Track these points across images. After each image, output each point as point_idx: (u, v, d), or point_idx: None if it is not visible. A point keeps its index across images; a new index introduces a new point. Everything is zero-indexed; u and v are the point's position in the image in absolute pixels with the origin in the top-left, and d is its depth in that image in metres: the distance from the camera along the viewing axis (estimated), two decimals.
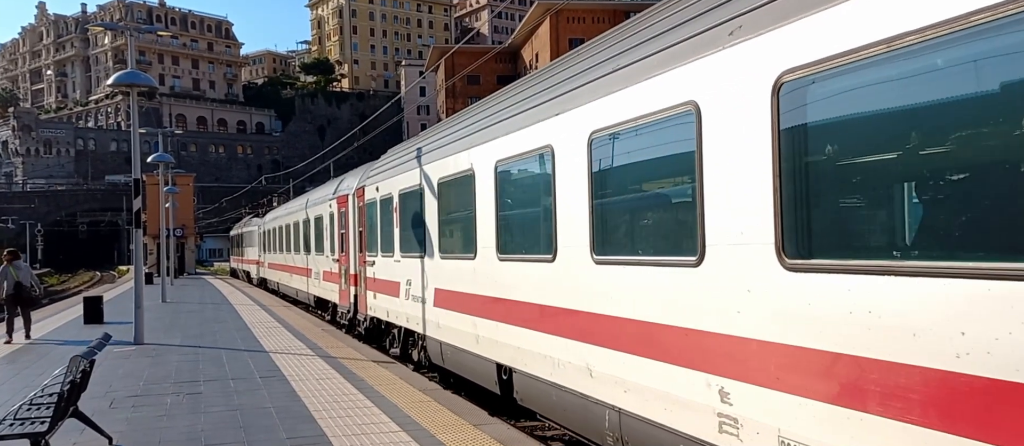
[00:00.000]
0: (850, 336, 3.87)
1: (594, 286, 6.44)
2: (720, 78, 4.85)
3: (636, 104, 5.80)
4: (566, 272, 6.92)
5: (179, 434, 7.84)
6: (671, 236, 5.68)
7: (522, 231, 8.30)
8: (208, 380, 11.01)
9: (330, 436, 7.52)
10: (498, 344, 8.58)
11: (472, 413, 8.52)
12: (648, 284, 5.69)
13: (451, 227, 10.27)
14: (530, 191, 8.15)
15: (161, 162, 29.59)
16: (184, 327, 18.79)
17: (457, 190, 9.87)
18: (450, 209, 10.31)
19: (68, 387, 6.66)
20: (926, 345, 3.47)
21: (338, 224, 18.19)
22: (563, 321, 7.01)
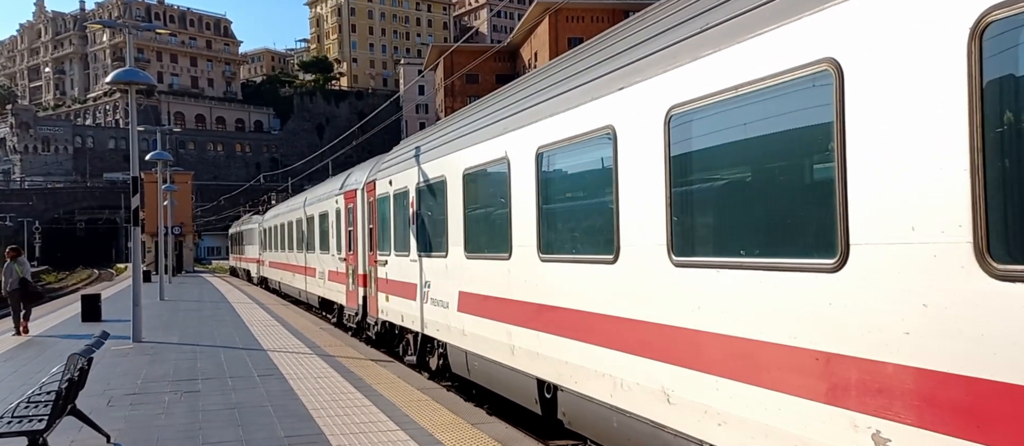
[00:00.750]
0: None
1: (673, 293, 5.34)
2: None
3: (744, 67, 4.60)
4: (632, 276, 5.83)
5: (177, 432, 7.84)
6: (797, 232, 4.37)
7: (571, 227, 7.10)
8: (206, 378, 11.00)
9: (328, 434, 7.52)
10: (540, 357, 7.40)
11: (470, 412, 8.52)
12: (757, 293, 4.52)
13: (480, 223, 9.04)
14: (583, 181, 6.95)
15: (159, 160, 29.57)
16: (182, 325, 18.78)
17: (487, 181, 8.77)
18: (478, 203, 9.11)
19: (66, 385, 6.65)
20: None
21: (345, 221, 17.14)
22: (628, 334, 5.88)
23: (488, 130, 8.79)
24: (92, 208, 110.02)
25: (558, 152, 7.09)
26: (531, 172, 7.50)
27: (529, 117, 7.62)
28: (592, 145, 6.47)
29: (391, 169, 13.13)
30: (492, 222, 8.66)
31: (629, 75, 5.88)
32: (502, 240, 8.18)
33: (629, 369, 5.85)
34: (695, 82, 5.04)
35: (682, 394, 5.20)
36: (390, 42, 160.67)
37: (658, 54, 5.53)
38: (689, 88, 5.10)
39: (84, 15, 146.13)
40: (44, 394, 7.25)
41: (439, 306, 10.33)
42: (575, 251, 6.87)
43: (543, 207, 7.41)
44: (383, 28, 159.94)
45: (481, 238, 9.00)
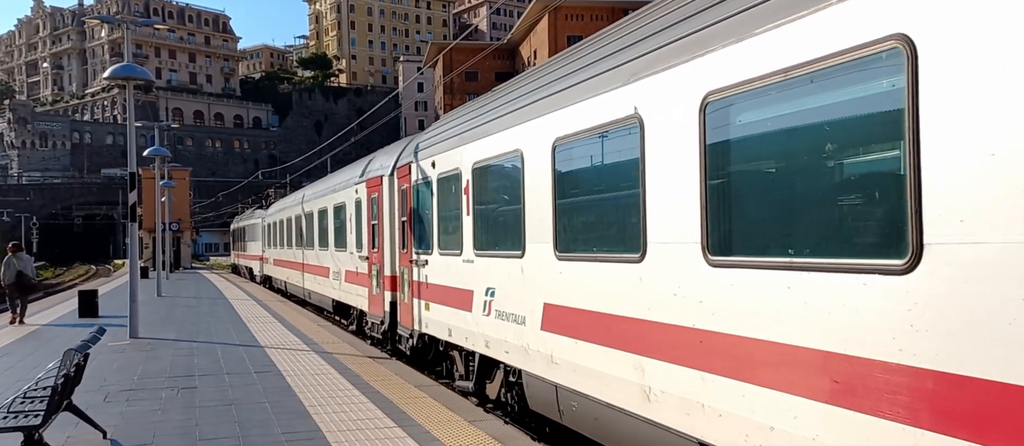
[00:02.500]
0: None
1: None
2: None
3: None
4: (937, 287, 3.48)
5: (173, 428, 7.82)
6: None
7: (783, 216, 4.54)
8: (203, 374, 10.99)
9: (325, 431, 7.51)
10: (708, 413, 4.94)
11: (467, 409, 8.52)
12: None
13: (580, 213, 6.83)
14: (798, 144, 4.37)
15: (157, 156, 29.53)
16: (179, 322, 18.76)
17: (599, 153, 6.44)
18: (580, 184, 6.85)
19: (62, 380, 6.64)
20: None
21: (368, 213, 14.73)
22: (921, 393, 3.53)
23: (596, 83, 6.30)
24: (90, 204, 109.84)
25: (745, 100, 4.87)
26: (690, 134, 5.05)
27: (698, 46, 5.06)
28: (835, 77, 4.47)
29: (434, 148, 10.69)
30: (605, 210, 6.47)
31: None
32: (627, 235, 5.90)
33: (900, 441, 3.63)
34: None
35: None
36: (389, 39, 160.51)
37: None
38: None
39: (82, 10, 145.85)
40: (40, 389, 7.23)
41: (509, 321, 7.94)
42: (803, 252, 4.24)
43: (717, 182, 4.88)
44: (382, 25, 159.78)
45: (582, 232, 6.77)
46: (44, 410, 6.43)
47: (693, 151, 5.02)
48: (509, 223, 8.05)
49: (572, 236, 6.87)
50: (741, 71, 4.61)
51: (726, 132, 4.84)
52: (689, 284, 5.13)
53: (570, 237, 6.88)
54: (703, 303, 4.99)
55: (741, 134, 4.80)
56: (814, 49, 4.03)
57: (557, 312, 6.99)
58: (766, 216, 4.65)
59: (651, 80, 5.53)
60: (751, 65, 4.51)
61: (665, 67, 5.38)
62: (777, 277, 4.39)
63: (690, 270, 5.11)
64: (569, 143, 6.77)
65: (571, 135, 6.70)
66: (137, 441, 7.37)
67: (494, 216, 8.61)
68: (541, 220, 7.22)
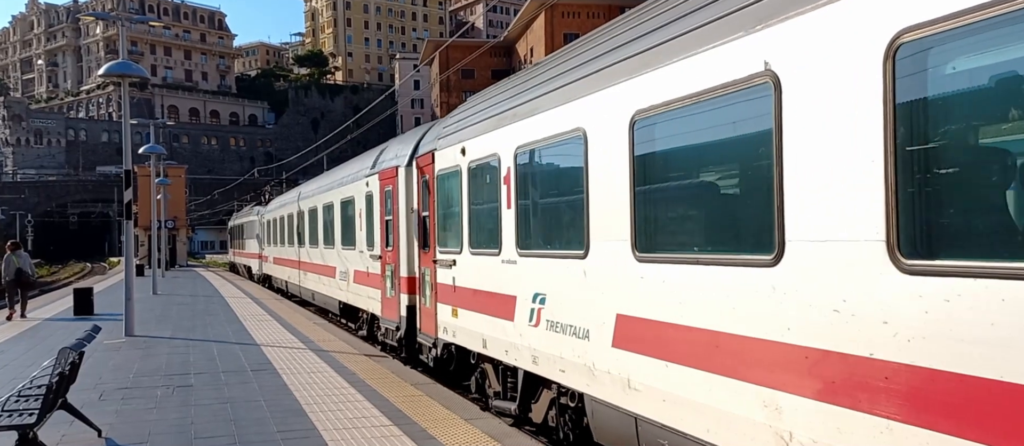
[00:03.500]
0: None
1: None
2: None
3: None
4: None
5: (169, 427, 7.80)
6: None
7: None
8: (199, 373, 10.96)
9: (321, 429, 7.50)
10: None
11: (464, 408, 8.51)
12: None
13: (678, 202, 5.50)
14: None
15: (153, 153, 29.44)
16: (175, 320, 18.71)
17: (706, 126, 5.05)
18: (672, 167, 5.53)
19: (57, 379, 6.61)
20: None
21: (381, 208, 13.49)
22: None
23: (695, 38, 4.99)
24: (85, 201, 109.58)
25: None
26: (868, 91, 3.75)
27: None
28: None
29: (464, 132, 9.35)
30: (704, 199, 5.21)
31: None
32: (743, 230, 4.80)
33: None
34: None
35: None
36: (385, 37, 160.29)
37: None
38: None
39: (77, 7, 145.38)
40: (34, 388, 7.20)
41: (567, 334, 6.70)
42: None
43: (910, 153, 3.60)
44: (378, 22, 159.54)
45: (675, 227, 5.50)
46: (39, 409, 6.40)
47: (874, 115, 3.69)
48: (566, 217, 6.90)
49: (660, 232, 5.54)
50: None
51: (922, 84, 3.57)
52: (864, 297, 3.73)
53: (657, 233, 5.54)
54: (889, 324, 3.60)
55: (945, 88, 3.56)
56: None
57: (636, 326, 5.61)
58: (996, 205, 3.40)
59: (793, 25, 4.17)
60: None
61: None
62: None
63: (865, 278, 3.73)
64: (656, 116, 5.36)
65: (659, 106, 5.27)
66: (132, 440, 7.34)
67: (545, 209, 7.46)
68: (612, 213, 5.90)
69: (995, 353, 3.15)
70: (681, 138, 5.33)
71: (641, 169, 5.63)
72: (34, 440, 6.37)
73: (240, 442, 7.17)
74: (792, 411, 4.18)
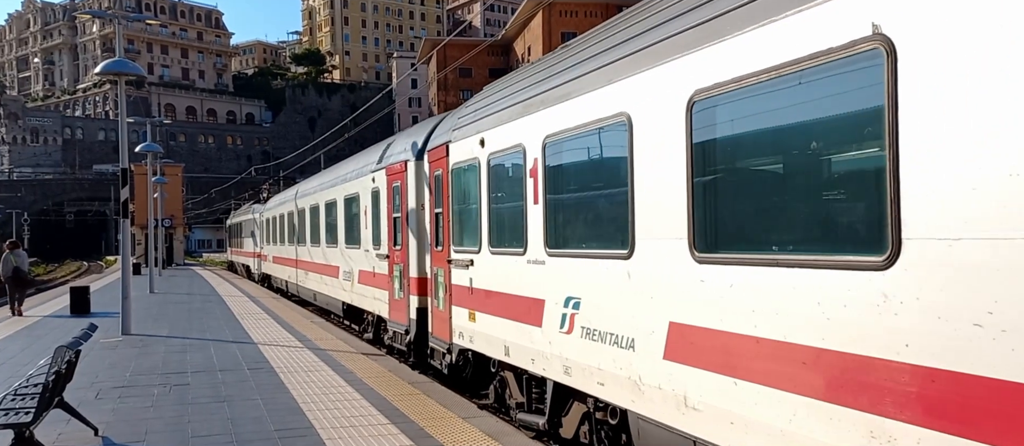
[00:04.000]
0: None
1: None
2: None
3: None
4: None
5: (166, 425, 7.79)
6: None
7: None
8: (195, 371, 10.95)
9: (318, 428, 7.50)
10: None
11: (461, 406, 8.51)
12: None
13: (751, 194, 4.71)
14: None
15: (149, 152, 29.40)
16: (172, 318, 18.69)
17: (791, 104, 4.28)
18: (744, 153, 4.76)
19: (53, 377, 6.60)
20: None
21: (388, 205, 12.85)
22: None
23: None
24: (81, 200, 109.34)
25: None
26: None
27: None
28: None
29: (482, 122, 8.67)
30: (801, 189, 4.35)
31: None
32: (843, 225, 4.11)
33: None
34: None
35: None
36: (383, 35, 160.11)
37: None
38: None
39: (73, 5, 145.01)
40: (31, 386, 7.20)
41: (606, 343, 5.99)
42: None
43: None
44: (376, 21, 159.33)
45: (746, 222, 4.75)
46: (35, 407, 6.39)
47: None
48: (605, 213, 6.25)
49: (727, 229, 4.81)
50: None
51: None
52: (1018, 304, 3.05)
53: (722, 231, 4.82)
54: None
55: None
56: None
57: (695, 336, 4.91)
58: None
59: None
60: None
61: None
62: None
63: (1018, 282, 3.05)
64: (722, 95, 4.63)
65: (727, 83, 4.55)
66: (129, 438, 7.34)
67: (579, 205, 6.75)
68: (664, 208, 5.20)
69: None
70: (756, 120, 4.55)
71: (701, 157, 4.87)
72: (30, 439, 6.37)
73: (237, 440, 7.17)
74: (911, 444, 3.50)
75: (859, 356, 3.73)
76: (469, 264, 8.94)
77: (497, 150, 8.15)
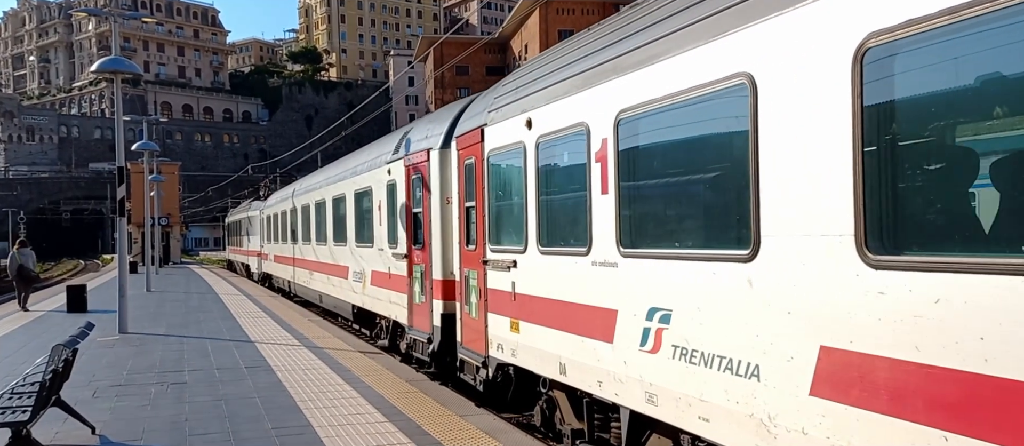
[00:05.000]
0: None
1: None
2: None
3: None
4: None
5: (163, 424, 7.79)
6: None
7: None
8: (193, 370, 10.94)
9: (316, 426, 7.50)
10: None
11: (458, 404, 8.52)
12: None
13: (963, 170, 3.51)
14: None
15: (146, 150, 29.35)
16: (169, 317, 18.67)
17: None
18: (960, 112, 3.56)
19: (50, 376, 6.59)
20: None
21: (407, 199, 11.65)
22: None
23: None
24: (78, 198, 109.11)
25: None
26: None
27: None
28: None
29: (533, 98, 7.37)
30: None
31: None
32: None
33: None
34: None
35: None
36: (380, 33, 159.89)
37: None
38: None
39: (69, 3, 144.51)
40: (28, 385, 7.19)
41: (715, 368, 4.79)
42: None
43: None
44: (372, 19, 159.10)
45: (947, 210, 3.62)
46: (32, 406, 6.39)
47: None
48: (711, 202, 5.14)
49: (925, 217, 3.65)
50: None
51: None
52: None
53: (918, 219, 3.66)
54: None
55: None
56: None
57: (871, 369, 3.66)
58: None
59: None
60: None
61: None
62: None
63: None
64: (910, 39, 3.44)
65: (921, 21, 3.35)
66: (126, 437, 7.34)
67: (670, 192, 5.54)
68: (811, 194, 4.03)
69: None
70: (987, 62, 3.27)
71: (877, 122, 3.66)
72: (28, 437, 6.37)
73: (234, 439, 7.17)
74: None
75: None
76: (511, 266, 7.71)
77: (549, 132, 6.91)
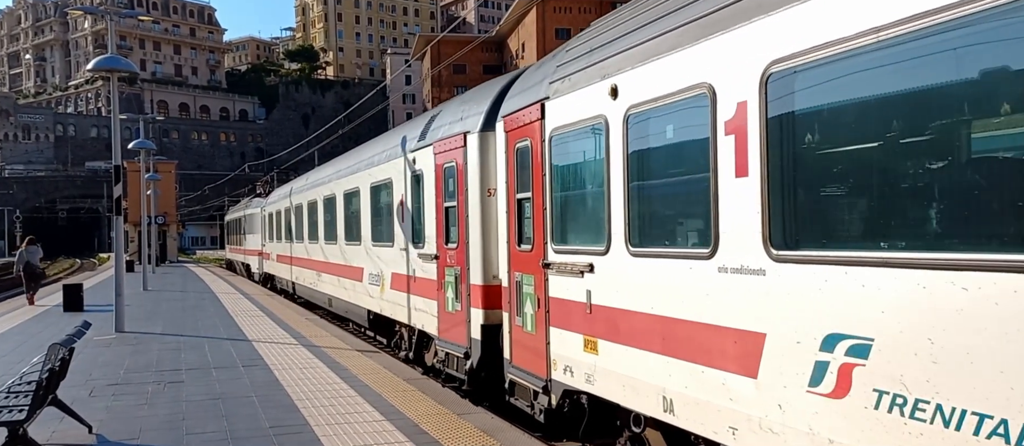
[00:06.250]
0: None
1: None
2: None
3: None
4: None
5: (160, 423, 7.78)
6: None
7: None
8: (190, 369, 10.93)
9: (313, 425, 7.49)
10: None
11: (456, 403, 8.52)
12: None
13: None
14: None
15: (142, 149, 29.30)
16: (165, 315, 18.64)
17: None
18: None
19: (46, 375, 6.58)
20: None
21: (437, 191, 10.24)
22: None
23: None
24: (74, 197, 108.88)
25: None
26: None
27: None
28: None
29: (620, 58, 5.89)
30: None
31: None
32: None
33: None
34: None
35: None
36: (376, 31, 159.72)
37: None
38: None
39: (65, 1, 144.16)
40: (24, 384, 7.17)
41: (962, 429, 3.32)
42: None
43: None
44: (369, 17, 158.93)
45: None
46: (29, 405, 6.37)
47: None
48: (968, 182, 3.47)
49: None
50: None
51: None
52: None
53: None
54: None
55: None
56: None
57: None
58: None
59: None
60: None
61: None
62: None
63: None
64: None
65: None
66: (123, 436, 7.32)
67: (871, 170, 3.93)
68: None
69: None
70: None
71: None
72: (24, 437, 6.35)
73: (231, 438, 7.16)
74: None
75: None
76: (586, 270, 6.35)
77: (646, 100, 5.47)
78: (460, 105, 10.27)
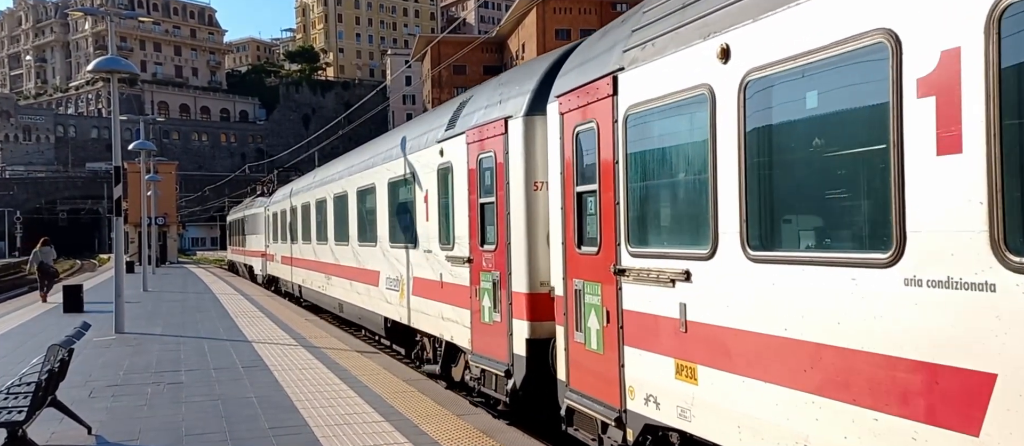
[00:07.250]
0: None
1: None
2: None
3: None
4: None
5: (160, 424, 7.78)
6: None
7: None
8: (189, 370, 10.93)
9: (313, 426, 7.49)
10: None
11: (455, 403, 8.52)
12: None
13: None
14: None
15: (143, 150, 29.32)
16: (165, 316, 18.65)
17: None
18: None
19: (46, 376, 6.58)
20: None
21: (471, 186, 8.94)
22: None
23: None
24: (74, 198, 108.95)
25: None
26: None
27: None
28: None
29: (734, 9, 4.72)
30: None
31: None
32: None
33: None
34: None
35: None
36: (377, 32, 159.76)
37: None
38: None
39: (65, 2, 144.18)
40: (24, 385, 7.17)
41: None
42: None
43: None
44: (370, 18, 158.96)
45: None
46: (28, 406, 6.37)
47: None
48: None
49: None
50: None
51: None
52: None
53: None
54: None
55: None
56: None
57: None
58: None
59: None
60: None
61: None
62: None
63: None
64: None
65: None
66: (123, 437, 7.33)
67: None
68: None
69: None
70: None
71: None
72: (24, 438, 6.35)
73: (231, 439, 7.16)
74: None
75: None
76: (679, 278, 5.22)
77: (774, 61, 4.31)
78: (497, 87, 8.93)
